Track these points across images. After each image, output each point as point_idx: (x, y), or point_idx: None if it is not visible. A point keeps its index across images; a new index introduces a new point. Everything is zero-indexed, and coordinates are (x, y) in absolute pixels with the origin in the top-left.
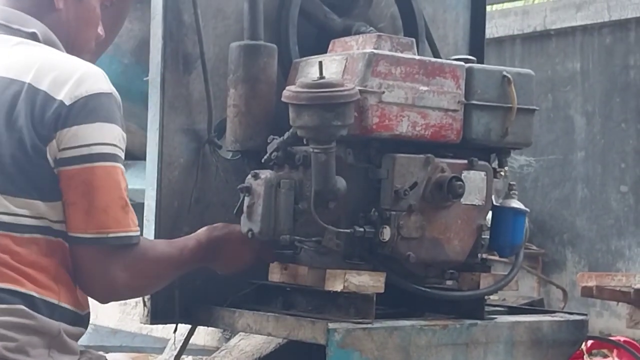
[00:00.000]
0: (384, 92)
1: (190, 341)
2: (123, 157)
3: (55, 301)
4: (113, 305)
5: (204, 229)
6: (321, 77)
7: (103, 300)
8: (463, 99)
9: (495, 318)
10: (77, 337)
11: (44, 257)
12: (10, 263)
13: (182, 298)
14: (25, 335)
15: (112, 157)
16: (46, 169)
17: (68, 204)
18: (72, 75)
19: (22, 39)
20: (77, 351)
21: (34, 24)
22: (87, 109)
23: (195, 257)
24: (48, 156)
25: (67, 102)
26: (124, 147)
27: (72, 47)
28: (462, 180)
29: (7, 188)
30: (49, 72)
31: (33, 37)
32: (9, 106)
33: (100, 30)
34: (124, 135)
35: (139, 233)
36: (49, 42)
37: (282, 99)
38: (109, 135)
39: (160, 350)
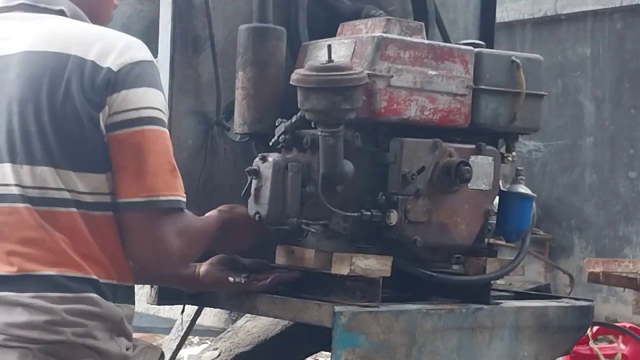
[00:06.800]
0: (392, 76)
1: (197, 322)
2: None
3: (115, 282)
4: None
5: (213, 212)
6: (330, 60)
7: (156, 266)
8: (472, 84)
9: (501, 303)
10: (131, 319)
11: (102, 233)
12: (75, 245)
13: None
14: (92, 321)
15: (160, 122)
16: (99, 140)
17: (118, 169)
18: (116, 45)
19: (51, 15)
20: (131, 336)
21: (60, 1)
22: (134, 74)
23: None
24: (101, 123)
25: (115, 69)
26: (167, 114)
27: (95, 20)
28: (469, 165)
29: (65, 162)
30: (94, 43)
31: (61, 14)
32: (59, 80)
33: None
34: (166, 103)
35: (185, 199)
36: (76, 17)
37: (291, 82)
38: (156, 100)
39: (167, 331)
